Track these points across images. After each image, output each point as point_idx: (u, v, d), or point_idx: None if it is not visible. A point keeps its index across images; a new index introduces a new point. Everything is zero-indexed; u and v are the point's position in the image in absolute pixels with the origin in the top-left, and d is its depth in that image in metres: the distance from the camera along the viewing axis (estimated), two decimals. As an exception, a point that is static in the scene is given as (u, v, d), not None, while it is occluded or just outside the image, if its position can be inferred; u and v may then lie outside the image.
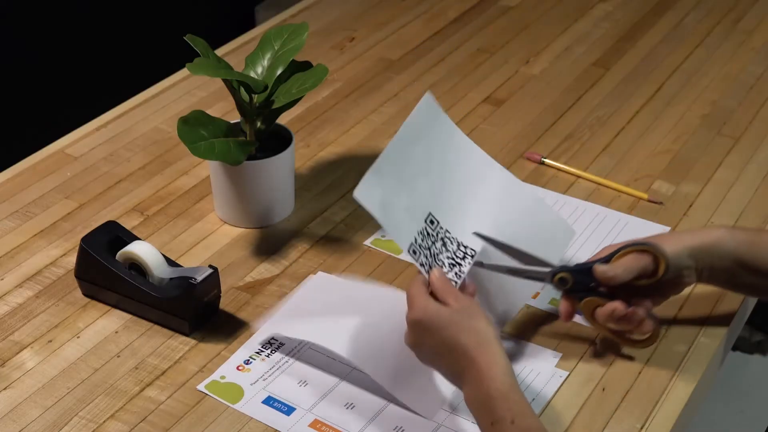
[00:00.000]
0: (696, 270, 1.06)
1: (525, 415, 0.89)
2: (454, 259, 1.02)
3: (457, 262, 1.02)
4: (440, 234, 1.02)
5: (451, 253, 1.02)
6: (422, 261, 0.98)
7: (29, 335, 1.11)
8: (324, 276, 1.19)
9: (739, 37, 1.74)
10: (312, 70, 1.23)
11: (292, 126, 1.46)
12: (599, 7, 1.84)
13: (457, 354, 0.93)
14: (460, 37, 1.74)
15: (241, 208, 1.26)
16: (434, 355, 0.96)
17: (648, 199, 1.32)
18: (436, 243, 1.01)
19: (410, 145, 1.02)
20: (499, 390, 0.90)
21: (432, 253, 1.00)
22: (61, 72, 2.31)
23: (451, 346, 0.93)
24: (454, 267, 1.01)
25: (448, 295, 0.96)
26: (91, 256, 1.13)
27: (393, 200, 0.98)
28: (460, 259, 1.02)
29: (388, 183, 0.98)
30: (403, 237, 0.98)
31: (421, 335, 0.95)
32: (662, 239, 1.06)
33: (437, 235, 1.02)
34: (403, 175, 1.01)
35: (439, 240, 1.02)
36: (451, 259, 1.01)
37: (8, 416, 1.01)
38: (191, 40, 1.18)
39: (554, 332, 1.12)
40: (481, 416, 0.91)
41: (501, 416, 0.89)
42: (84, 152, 1.42)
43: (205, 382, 1.05)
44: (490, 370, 0.91)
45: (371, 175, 0.97)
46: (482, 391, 0.91)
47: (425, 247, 1.00)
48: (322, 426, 1.00)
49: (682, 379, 1.06)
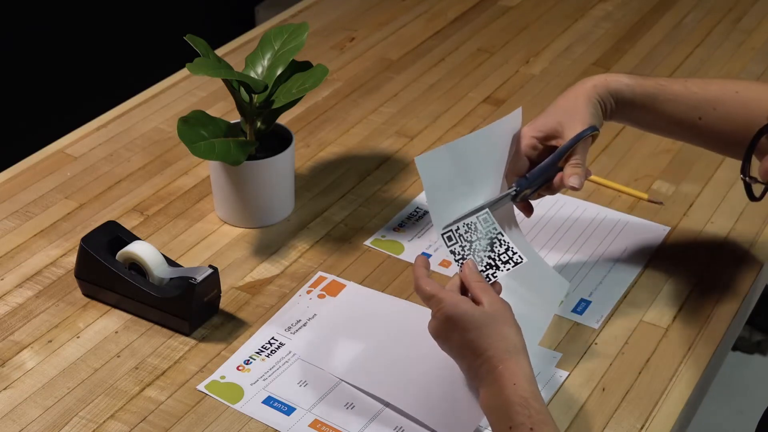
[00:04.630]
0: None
1: (545, 423, 0.88)
2: (495, 261, 1.01)
3: (496, 264, 1.01)
4: (492, 234, 1.02)
5: (495, 254, 1.01)
6: (455, 249, 0.99)
7: (29, 335, 1.11)
8: (355, 289, 1.18)
9: (739, 37, 1.74)
10: (312, 70, 1.23)
11: (292, 126, 1.46)
12: (599, 7, 1.84)
13: (482, 358, 0.93)
14: (460, 37, 1.74)
15: (241, 208, 1.26)
16: (457, 352, 0.95)
17: (648, 199, 1.32)
18: (482, 240, 1.01)
19: (486, 145, 1.04)
20: (522, 396, 0.89)
21: (473, 248, 1.00)
22: (61, 72, 2.31)
23: (477, 349, 0.93)
24: (491, 268, 1.01)
25: (483, 293, 0.95)
26: (91, 256, 1.13)
27: (451, 180, 1.01)
28: (502, 262, 1.01)
29: (455, 164, 1.01)
30: (443, 218, 1.00)
31: (448, 331, 0.95)
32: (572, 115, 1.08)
33: (487, 234, 1.02)
34: (470, 165, 1.03)
35: (487, 238, 1.01)
36: (491, 259, 1.01)
37: (8, 416, 1.01)
38: (191, 40, 1.18)
39: (554, 332, 1.12)
40: (499, 420, 0.90)
41: (520, 422, 0.88)
42: (84, 152, 1.42)
43: (205, 382, 1.05)
44: (513, 376, 0.90)
45: (442, 149, 1.01)
46: (503, 397, 0.90)
47: (466, 239, 1.00)
48: (323, 426, 1.00)
49: (682, 379, 1.06)
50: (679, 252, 1.24)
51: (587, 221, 1.29)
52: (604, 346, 1.10)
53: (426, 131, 1.48)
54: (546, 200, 1.32)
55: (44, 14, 2.23)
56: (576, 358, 1.08)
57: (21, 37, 2.20)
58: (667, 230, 1.27)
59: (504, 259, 1.01)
